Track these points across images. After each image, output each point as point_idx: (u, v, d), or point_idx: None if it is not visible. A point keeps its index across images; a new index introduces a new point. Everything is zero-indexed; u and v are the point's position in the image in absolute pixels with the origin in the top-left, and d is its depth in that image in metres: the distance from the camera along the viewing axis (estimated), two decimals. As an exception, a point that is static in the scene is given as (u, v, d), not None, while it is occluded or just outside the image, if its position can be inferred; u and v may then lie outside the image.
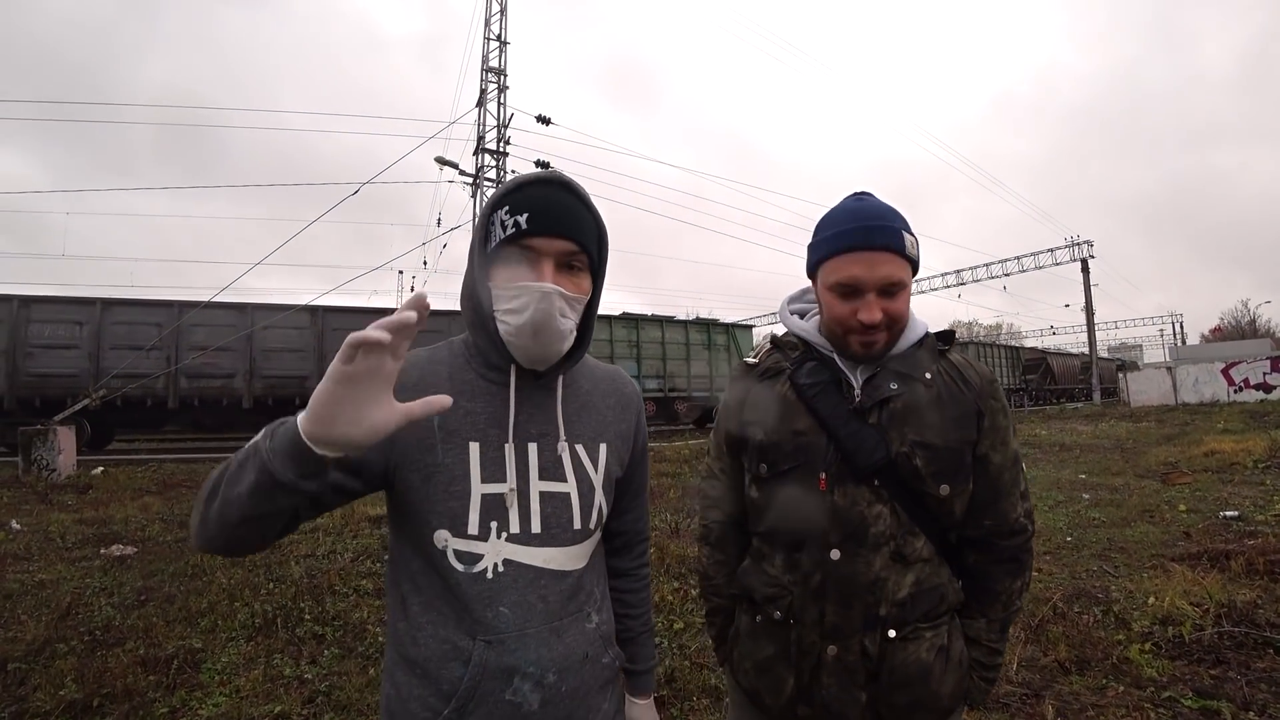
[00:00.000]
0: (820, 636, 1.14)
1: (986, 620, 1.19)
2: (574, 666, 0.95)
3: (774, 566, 1.19)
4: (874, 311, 1.10)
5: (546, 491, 0.96)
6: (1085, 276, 35.33)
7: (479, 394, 0.96)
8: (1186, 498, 6.84)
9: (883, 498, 1.12)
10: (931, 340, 1.22)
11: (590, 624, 0.99)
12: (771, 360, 1.27)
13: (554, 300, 0.90)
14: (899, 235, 1.11)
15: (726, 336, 20.96)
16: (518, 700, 0.90)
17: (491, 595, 0.91)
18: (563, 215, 0.92)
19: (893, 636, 1.11)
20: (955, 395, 1.16)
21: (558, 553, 0.96)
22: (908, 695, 1.12)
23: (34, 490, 8.37)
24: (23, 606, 4.02)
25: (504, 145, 20.86)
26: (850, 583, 1.11)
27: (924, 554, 1.14)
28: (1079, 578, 4.32)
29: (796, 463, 1.16)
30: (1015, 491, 1.18)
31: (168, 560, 5.03)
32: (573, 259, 0.93)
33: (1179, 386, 26.17)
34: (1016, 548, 1.18)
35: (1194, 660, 2.99)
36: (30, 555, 5.29)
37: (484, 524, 0.92)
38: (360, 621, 3.64)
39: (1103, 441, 13.28)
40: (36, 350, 12.73)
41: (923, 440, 1.12)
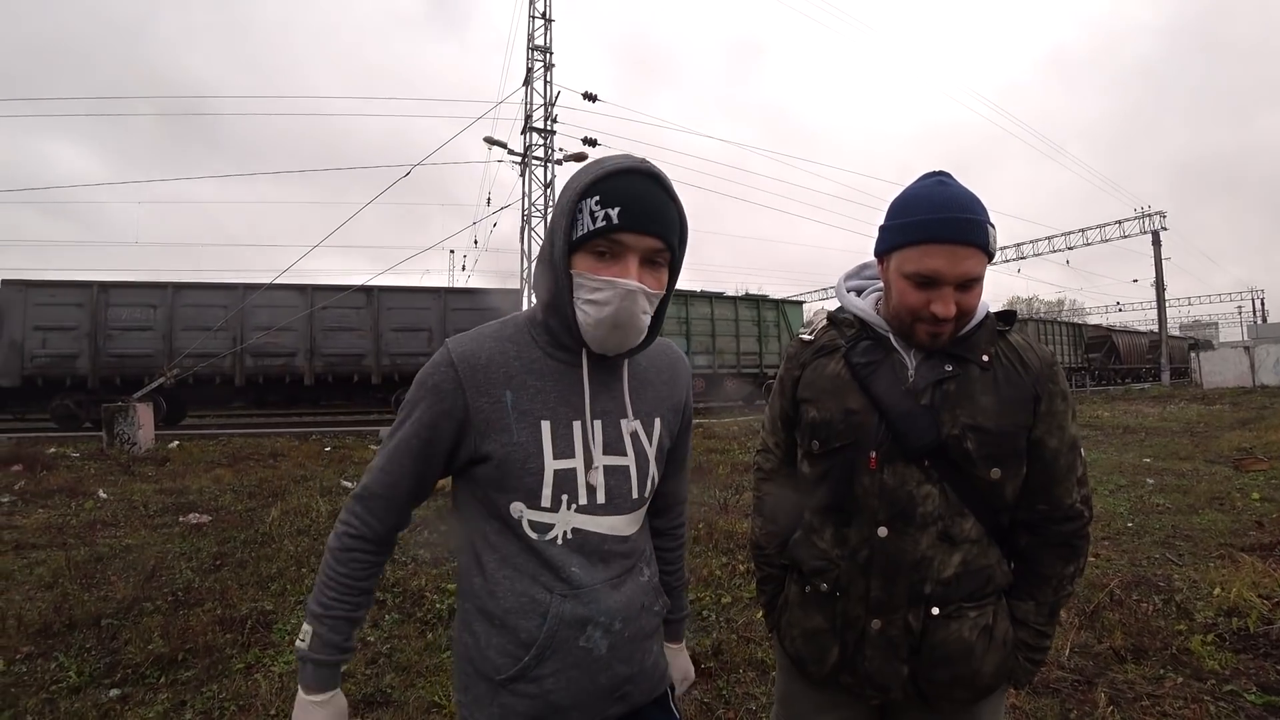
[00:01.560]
0: (865, 610, 1.16)
1: (1035, 603, 1.19)
2: (634, 615, 1.05)
3: (823, 540, 1.22)
4: (949, 305, 1.09)
5: (610, 465, 1.02)
6: (1156, 250, 33.53)
7: (548, 373, 1.01)
8: (1260, 485, 6.50)
9: (932, 478, 1.13)
10: (991, 321, 1.20)
11: (643, 578, 1.09)
12: (827, 337, 1.28)
13: (638, 299, 0.94)
14: (984, 229, 1.09)
15: (776, 313, 20.69)
16: (589, 646, 0.99)
17: (562, 558, 0.99)
18: (654, 213, 0.94)
19: (936, 614, 1.13)
20: (1012, 378, 1.15)
21: (619, 520, 1.04)
22: (948, 672, 1.14)
23: (117, 462, 8.94)
24: (113, 568, 4.35)
25: (551, 124, 20.92)
26: (896, 560, 1.13)
27: (972, 535, 1.14)
28: (1139, 565, 4.19)
29: (848, 440, 1.17)
30: (1071, 477, 1.17)
31: (239, 529, 5.35)
32: (658, 255, 0.96)
33: (1257, 367, 24.71)
34: (1071, 533, 1.18)
35: (1260, 655, 2.88)
36: (117, 522, 5.69)
37: (556, 497, 0.99)
38: (419, 589, 3.81)
39: (1171, 424, 12.68)
40: (115, 332, 13.54)
41: (975, 423, 1.11)
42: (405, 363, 14.85)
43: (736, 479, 7.39)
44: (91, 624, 3.40)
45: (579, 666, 0.99)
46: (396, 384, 14.88)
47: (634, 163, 0.95)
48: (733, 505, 6.00)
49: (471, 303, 15.61)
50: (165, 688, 2.79)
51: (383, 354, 14.93)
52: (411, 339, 15.07)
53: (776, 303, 21.20)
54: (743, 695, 2.67)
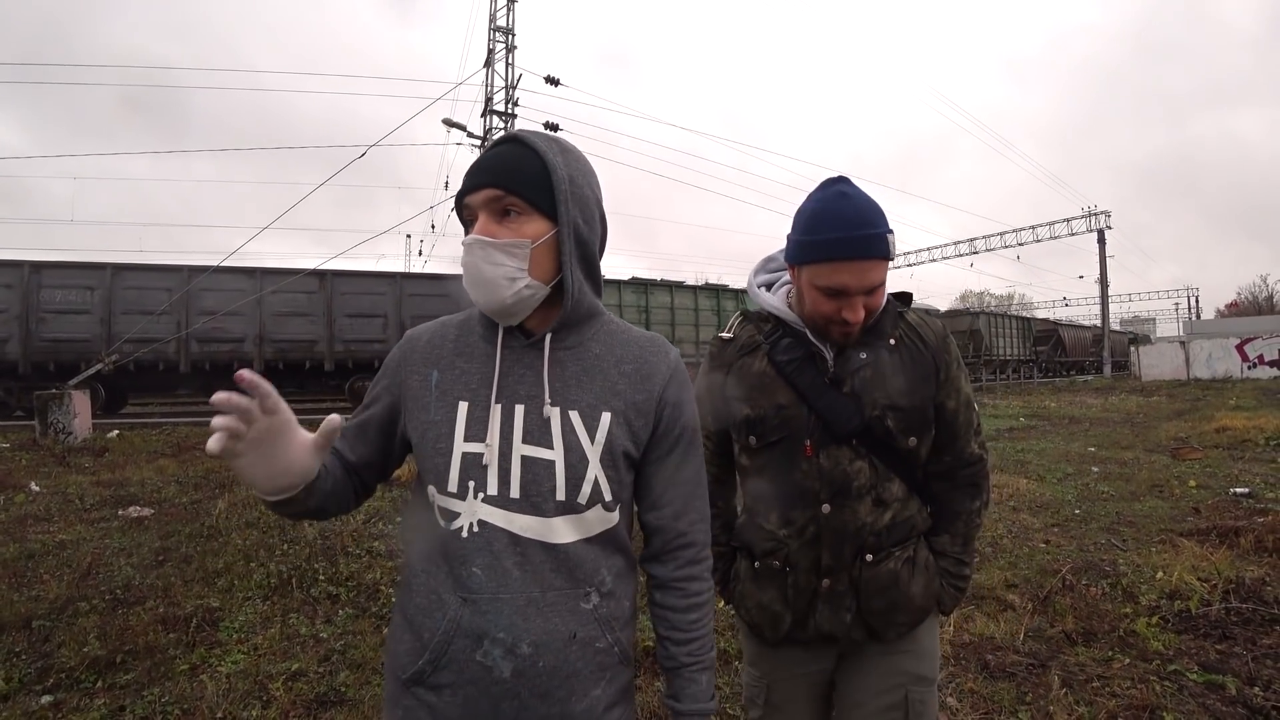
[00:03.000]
0: (816, 575, 1.29)
1: (950, 535, 1.35)
2: (556, 644, 0.90)
3: (769, 523, 1.32)
4: (858, 312, 1.21)
5: (529, 456, 0.92)
6: (1101, 248, 34.89)
7: (476, 355, 0.98)
8: (1197, 473, 6.82)
9: (861, 454, 1.26)
10: (893, 306, 1.33)
11: (587, 604, 0.93)
12: (746, 334, 1.39)
13: (475, 250, 0.91)
14: (884, 240, 1.19)
15: (736, 302, 20.86)
16: (488, 664, 0.88)
17: (466, 554, 0.91)
18: (488, 166, 0.93)
19: (870, 559, 1.27)
20: (916, 355, 1.29)
21: (536, 522, 0.91)
22: (883, 600, 1.28)
23: (51, 453, 8.51)
24: (45, 566, 4.12)
25: (512, 107, 20.55)
26: (841, 531, 1.27)
27: (899, 495, 1.29)
28: (1087, 550, 4.34)
29: (783, 434, 1.28)
30: (969, 430, 1.34)
31: (184, 521, 5.13)
32: (500, 203, 0.92)
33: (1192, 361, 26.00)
34: (973, 474, 1.35)
35: (1200, 635, 3.01)
36: (50, 516, 5.40)
37: (462, 483, 0.92)
38: (373, 582, 3.71)
39: (1113, 415, 13.25)
40: (49, 315, 12.83)
41: (892, 403, 1.25)
42: (360, 349, 14.46)
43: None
44: (21, 626, 3.22)
45: (476, 684, 0.88)
46: (351, 371, 14.49)
47: (502, 136, 0.98)
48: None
49: (429, 289, 15.24)
50: (102, 692, 2.64)
51: (336, 340, 14.49)
52: (366, 325, 14.64)
53: (736, 292, 21.34)
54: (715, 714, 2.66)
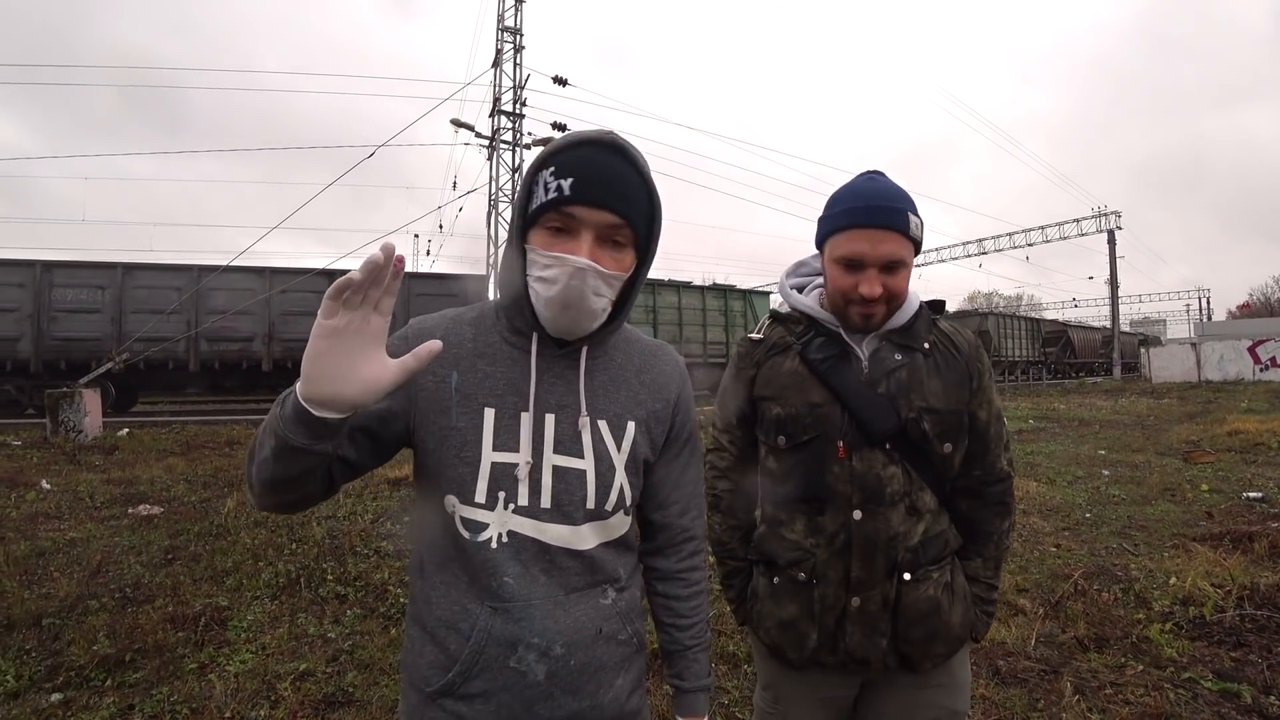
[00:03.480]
0: (845, 590, 1.23)
1: (982, 559, 1.32)
2: (585, 641, 0.92)
3: (794, 532, 1.27)
4: (874, 285, 1.18)
5: (561, 466, 0.92)
6: (1111, 249, 34.64)
7: (500, 358, 0.93)
8: (1209, 477, 6.75)
9: (895, 459, 1.22)
10: (925, 311, 1.31)
11: (606, 599, 0.96)
12: (776, 335, 1.35)
13: (587, 277, 0.86)
14: (904, 216, 1.19)
15: (744, 303, 20.81)
16: (523, 669, 0.89)
17: (495, 565, 0.89)
18: (610, 184, 0.86)
19: (908, 579, 1.22)
20: (950, 361, 1.27)
21: (567, 531, 0.92)
22: (923, 629, 1.22)
23: (62, 451, 8.57)
24: (55, 564, 4.15)
25: (520, 107, 20.57)
26: (873, 539, 1.21)
27: (931, 505, 1.25)
28: (1098, 555, 4.30)
29: (816, 433, 1.24)
30: (999, 444, 1.31)
31: (193, 520, 5.15)
32: (616, 233, 0.88)
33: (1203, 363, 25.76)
34: (1002, 492, 1.31)
35: (1215, 642, 2.98)
36: (61, 514, 5.44)
37: (491, 493, 0.89)
38: (381, 583, 3.71)
39: (1123, 417, 13.14)
40: (60, 314, 12.95)
41: (928, 406, 1.22)
42: (368, 349, 14.50)
43: (706, 469, 7.41)
44: (32, 624, 3.23)
45: (510, 691, 0.89)
46: (359, 371, 14.53)
47: (598, 134, 0.89)
48: (702, 496, 6.00)
49: (436, 288, 15.30)
50: (112, 690, 2.65)
51: (345, 340, 14.57)
52: (375, 325, 14.72)
53: (744, 293, 21.30)
54: (714, 689, 2.65)
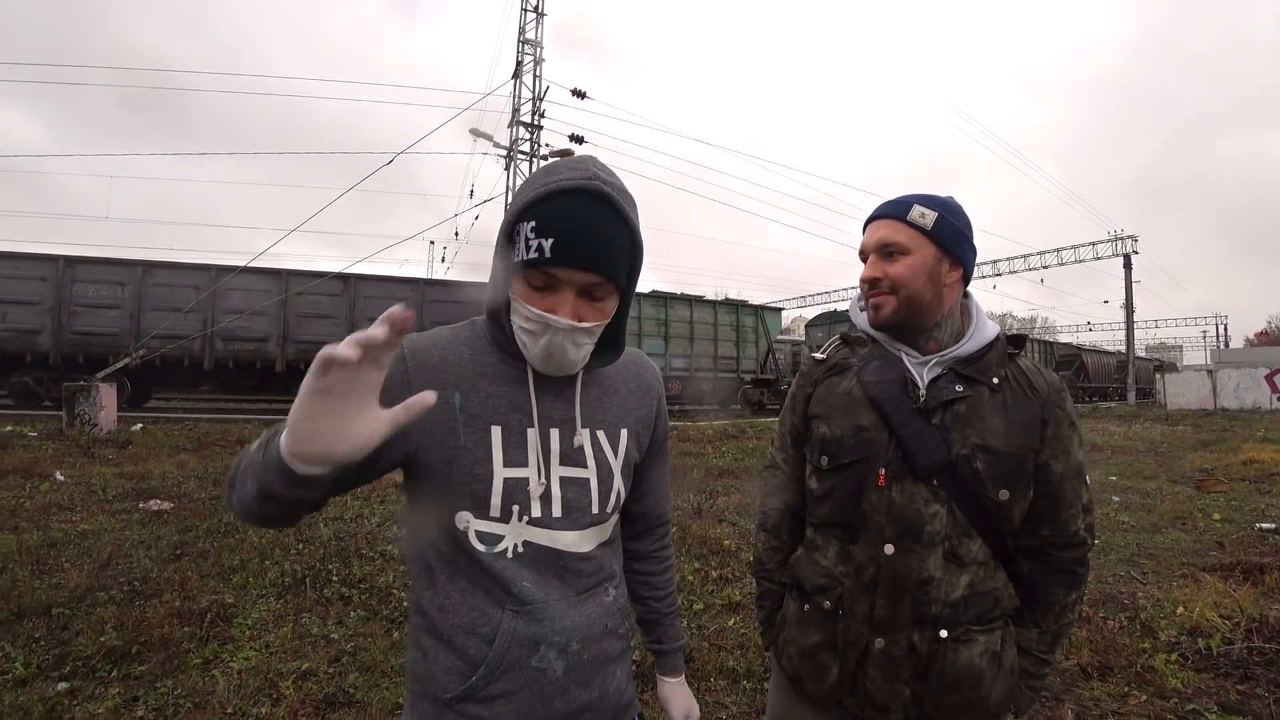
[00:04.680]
0: (869, 629, 1.16)
1: (1039, 630, 1.19)
2: (595, 636, 0.99)
3: (826, 558, 1.22)
4: (872, 269, 1.20)
5: (566, 477, 0.97)
6: (1127, 273, 34.34)
7: (500, 378, 0.96)
8: (1221, 506, 6.67)
9: (940, 498, 1.13)
10: (1002, 344, 1.22)
11: (608, 598, 1.02)
12: (840, 356, 1.31)
13: (567, 337, 0.89)
14: (904, 205, 1.19)
15: (755, 319, 20.79)
16: (543, 667, 0.94)
17: (512, 573, 0.94)
18: (592, 244, 0.86)
19: (944, 636, 1.12)
20: (1021, 402, 1.16)
21: (576, 535, 0.98)
22: (956, 697, 1.13)
23: (77, 443, 8.68)
24: (66, 554, 4.20)
25: (539, 118, 20.78)
26: (902, 578, 1.13)
27: (979, 557, 1.14)
28: (1105, 582, 4.25)
29: (858, 456, 1.18)
30: (1077, 504, 1.17)
31: (202, 517, 5.20)
32: (596, 289, 0.90)
33: (1219, 391, 25.43)
34: (1073, 560, 1.18)
35: (1221, 674, 2.94)
36: (73, 506, 5.51)
37: (506, 507, 0.93)
38: (386, 586, 3.73)
39: (1135, 444, 12.99)
40: (81, 309, 13.15)
41: (985, 444, 1.12)
42: (381, 353, 14.61)
43: (711, 483, 7.40)
44: (41, 612, 3.28)
45: (531, 688, 0.93)
46: (371, 374, 14.63)
47: (579, 182, 0.87)
48: (707, 510, 5.99)
49: (451, 295, 15.40)
50: (117, 682, 2.68)
51: (357, 343, 14.71)
52: (388, 329, 14.85)
53: (756, 309, 21.29)
54: (713, 704, 2.65)
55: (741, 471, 8.00)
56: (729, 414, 18.81)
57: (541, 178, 0.89)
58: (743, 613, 3.55)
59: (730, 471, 8.19)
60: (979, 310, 1.25)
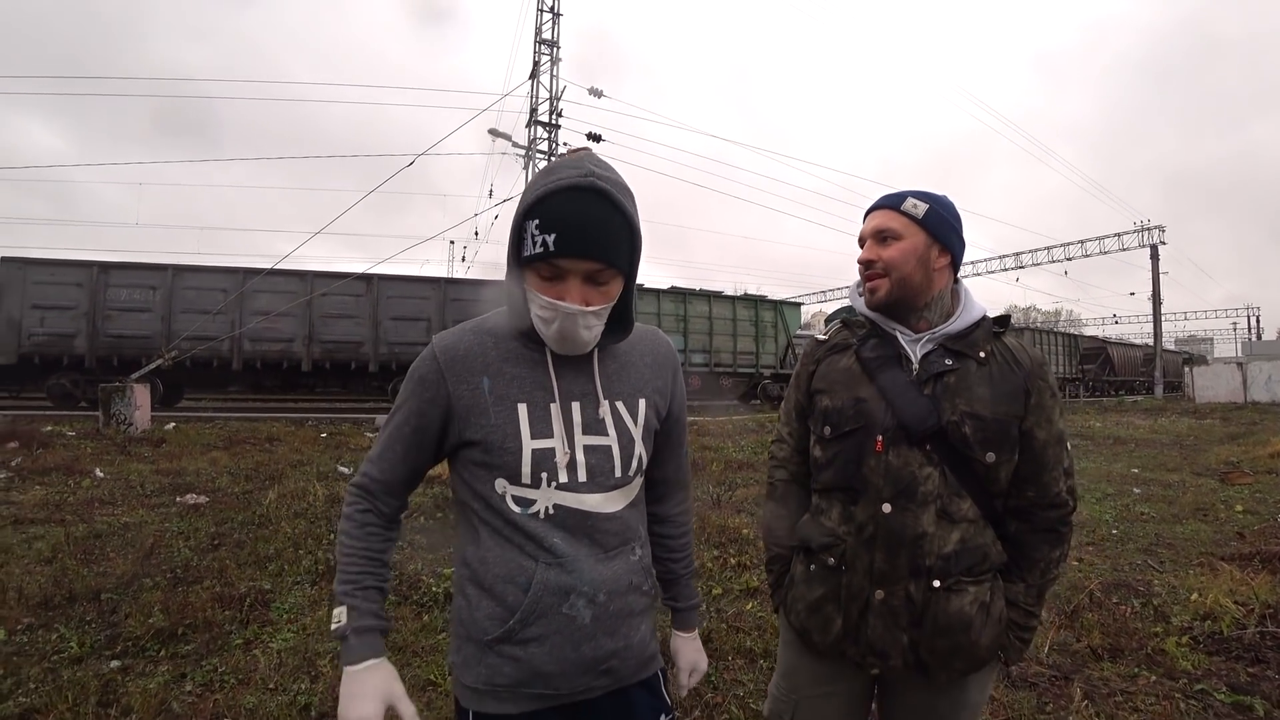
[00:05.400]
0: (869, 582, 1.26)
1: (1025, 585, 1.30)
2: (621, 590, 1.09)
3: (830, 519, 1.33)
4: (866, 253, 1.32)
5: (590, 445, 1.08)
6: (1154, 264, 33.75)
7: (523, 361, 1.08)
8: (1245, 498, 6.60)
9: (933, 461, 1.24)
10: (988, 323, 1.33)
11: (634, 557, 1.13)
12: (840, 336, 1.43)
13: (577, 319, 1.00)
14: (899, 197, 1.32)
15: (774, 314, 20.76)
16: (573, 614, 1.05)
17: (545, 531, 1.05)
18: (591, 235, 0.96)
19: (937, 586, 1.23)
20: (1006, 373, 1.27)
21: (601, 498, 1.08)
22: (948, 642, 1.24)
23: (113, 442, 8.98)
24: (111, 545, 4.41)
25: (556, 118, 20.94)
26: (899, 534, 1.24)
27: (969, 515, 1.25)
28: (1120, 570, 4.27)
29: (857, 425, 1.29)
30: (1058, 467, 1.28)
31: (236, 510, 5.41)
32: (599, 275, 1.00)
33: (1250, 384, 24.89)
34: (1056, 520, 1.29)
35: (1232, 657, 2.97)
36: (114, 500, 5.74)
37: (535, 474, 1.04)
38: (415, 573, 3.87)
39: (1161, 437, 12.81)
40: (114, 313, 13.57)
41: (972, 411, 1.23)
42: (404, 352, 14.88)
43: (730, 476, 7.47)
44: (91, 598, 3.46)
45: (562, 634, 1.04)
46: (394, 373, 14.90)
47: (575, 180, 0.96)
48: (725, 501, 6.08)
49: (471, 294, 15.63)
50: (165, 660, 2.85)
51: (381, 342, 14.97)
52: (410, 328, 15.09)
53: (775, 303, 21.25)
54: (731, 682, 2.75)
55: (760, 465, 8.04)
56: (749, 409, 18.83)
57: (542, 179, 0.99)
58: (760, 597, 3.64)
59: (749, 465, 8.25)
60: (968, 294, 1.37)
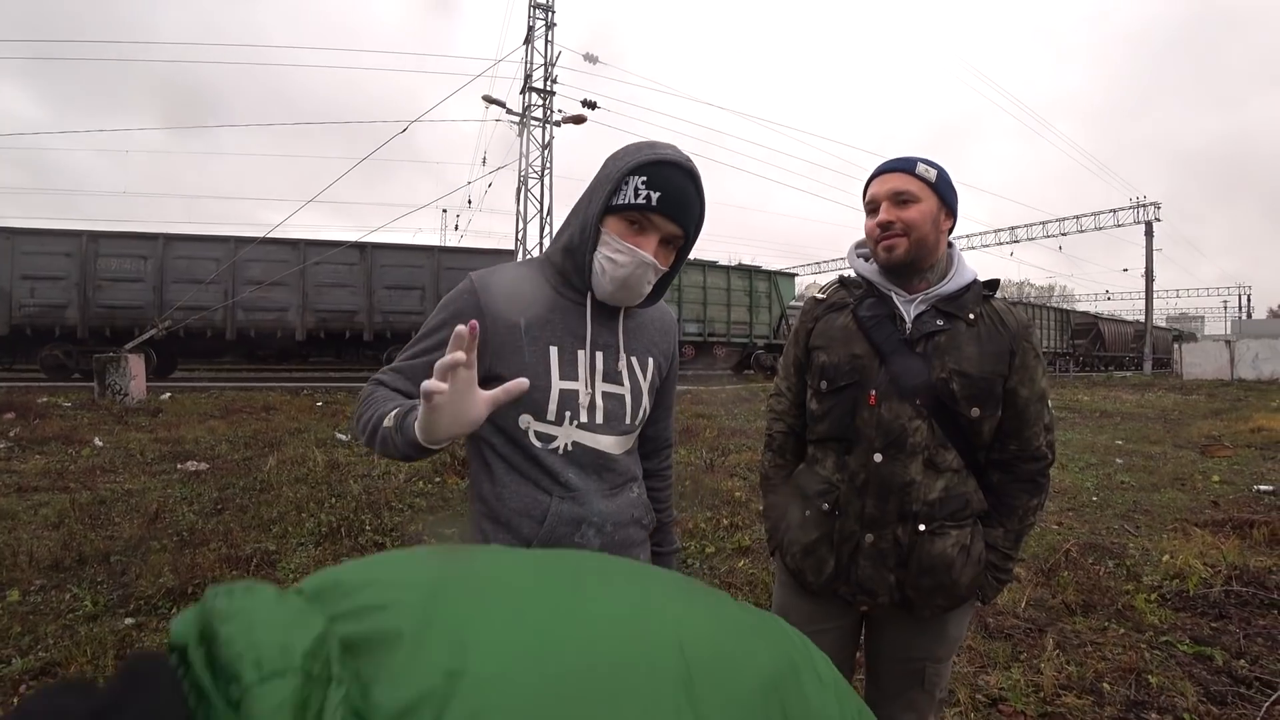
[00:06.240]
0: (860, 526, 1.36)
1: (1004, 530, 1.39)
2: (625, 522, 1.21)
3: (825, 468, 1.42)
4: (886, 214, 1.35)
5: (607, 391, 1.18)
6: (1148, 240, 33.78)
7: (558, 307, 1.17)
8: (1223, 470, 6.79)
9: (922, 414, 1.33)
10: (978, 286, 1.42)
11: (633, 494, 1.25)
12: (838, 296, 1.50)
13: (648, 271, 1.12)
14: (911, 161, 1.36)
15: (769, 284, 20.77)
16: (584, 543, 1.15)
17: (561, 466, 1.15)
18: (685, 205, 1.12)
19: (922, 530, 1.33)
20: (993, 334, 1.35)
21: (612, 440, 1.19)
22: (931, 580, 1.33)
23: (110, 412, 9.01)
24: (116, 510, 4.50)
25: (551, 84, 20.65)
26: (889, 481, 1.33)
27: (953, 465, 1.35)
28: (1098, 533, 4.43)
29: (852, 380, 1.38)
30: (1039, 423, 1.38)
31: (237, 476, 5.50)
32: (675, 240, 1.15)
33: (1237, 361, 25.14)
34: (1036, 471, 1.39)
35: (1198, 613, 3.12)
36: (115, 468, 5.81)
37: (560, 412, 1.14)
38: (416, 534, 3.99)
39: (1147, 411, 13.03)
40: (105, 283, 13.46)
41: (960, 369, 1.32)
42: (398, 320, 14.90)
43: (723, 442, 7.62)
44: (101, 560, 3.56)
45: None
46: (389, 341, 14.93)
47: (680, 157, 1.12)
48: (718, 466, 6.22)
49: (465, 262, 15.55)
50: (178, 616, 2.95)
51: (375, 311, 14.96)
52: (405, 297, 15.08)
53: (769, 274, 21.23)
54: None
55: (754, 432, 8.19)
56: (742, 379, 18.98)
57: (648, 149, 1.12)
58: (751, 555, 3.79)
59: (742, 431, 8.41)
60: (960, 257, 1.45)
